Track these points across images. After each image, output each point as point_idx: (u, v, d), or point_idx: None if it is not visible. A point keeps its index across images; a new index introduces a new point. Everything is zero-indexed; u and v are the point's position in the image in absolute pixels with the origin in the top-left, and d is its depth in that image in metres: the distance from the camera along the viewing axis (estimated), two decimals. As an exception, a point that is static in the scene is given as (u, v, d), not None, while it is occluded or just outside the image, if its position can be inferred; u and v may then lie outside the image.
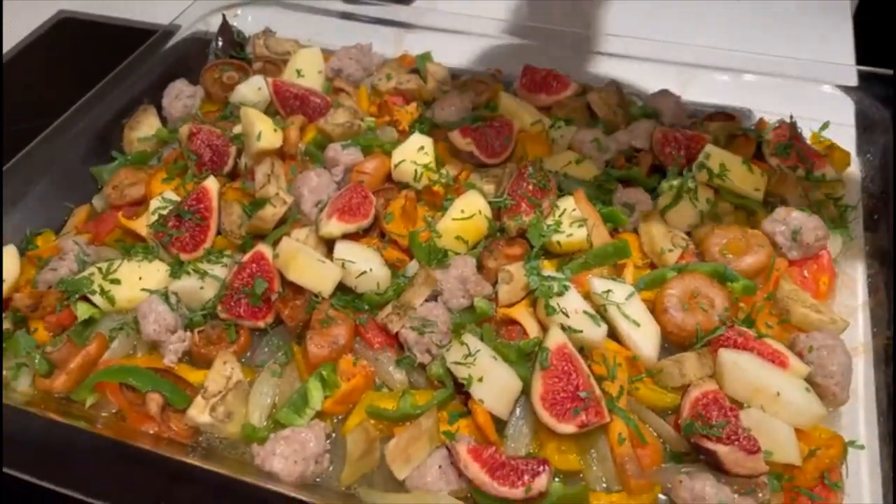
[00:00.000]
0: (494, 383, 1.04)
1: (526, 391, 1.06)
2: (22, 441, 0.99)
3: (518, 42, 1.65)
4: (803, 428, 1.01)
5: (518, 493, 0.95)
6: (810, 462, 0.98)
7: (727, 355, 1.06)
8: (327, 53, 1.66)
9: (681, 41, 1.58)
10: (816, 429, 1.02)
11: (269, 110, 1.53)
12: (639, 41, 1.58)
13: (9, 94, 1.80)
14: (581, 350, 1.09)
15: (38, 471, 0.93)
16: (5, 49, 1.92)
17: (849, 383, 1.06)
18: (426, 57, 1.65)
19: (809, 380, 1.05)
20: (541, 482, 0.95)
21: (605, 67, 1.56)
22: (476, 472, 0.96)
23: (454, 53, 1.70)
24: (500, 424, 1.05)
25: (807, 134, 1.43)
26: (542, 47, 1.62)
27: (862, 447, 1.01)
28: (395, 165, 1.36)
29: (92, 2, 2.04)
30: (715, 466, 0.97)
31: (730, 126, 1.42)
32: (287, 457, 0.99)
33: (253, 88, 1.55)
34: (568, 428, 1.00)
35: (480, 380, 1.04)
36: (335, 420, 1.09)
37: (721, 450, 0.96)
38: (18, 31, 1.97)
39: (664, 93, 1.52)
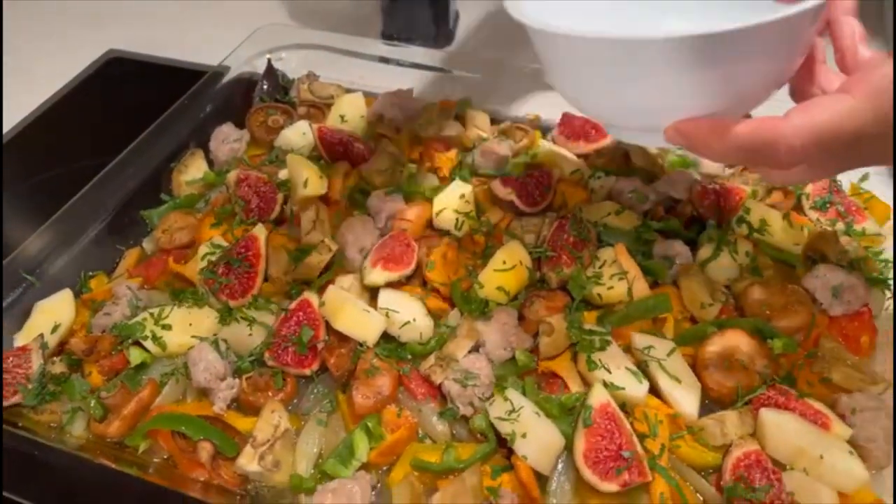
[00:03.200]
0: (538, 439, 1.06)
1: (568, 447, 1.07)
2: (78, 486, 1.03)
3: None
4: (846, 492, 1.01)
5: (562, 552, 0.96)
6: (854, 528, 0.99)
7: (769, 416, 1.07)
8: (369, 97, 1.70)
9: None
10: (859, 493, 1.02)
11: (313, 154, 1.57)
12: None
13: (60, 133, 1.87)
14: (623, 406, 1.10)
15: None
16: (57, 87, 1.98)
17: (892, 447, 1.06)
18: (466, 103, 1.68)
19: (852, 442, 1.06)
20: (584, 542, 0.96)
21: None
22: (520, 530, 0.98)
23: (492, 98, 1.73)
24: (542, 480, 1.07)
25: (846, 186, 1.44)
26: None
27: (906, 513, 1.01)
28: (437, 213, 1.39)
29: (141, 42, 2.11)
30: (758, 530, 0.98)
31: (769, 178, 1.43)
32: (335, 509, 1.01)
33: (298, 133, 1.59)
34: (610, 487, 1.02)
35: (524, 436, 1.06)
36: (380, 471, 1.11)
37: (765, 514, 0.97)
38: (68, 70, 2.03)
39: (702, 141, 1.54)
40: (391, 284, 1.29)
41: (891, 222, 1.39)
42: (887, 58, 0.85)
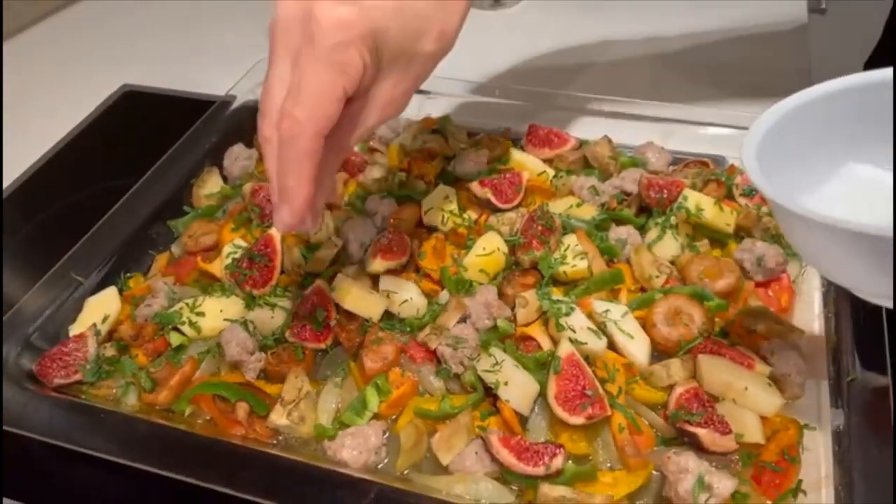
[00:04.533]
0: (517, 386, 1.29)
1: (542, 392, 1.30)
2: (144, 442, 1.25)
3: (523, 104, 1.93)
4: (766, 415, 1.25)
5: (540, 470, 1.19)
6: (773, 442, 1.22)
7: (704, 360, 1.31)
8: (360, 118, 1.94)
9: (663, 100, 1.86)
10: (777, 416, 1.26)
11: (315, 168, 1.80)
12: (627, 101, 1.86)
13: (83, 160, 2.08)
14: (586, 359, 1.34)
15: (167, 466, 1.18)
16: (77, 121, 2.20)
17: (804, 380, 1.31)
18: (446, 119, 1.93)
19: (771, 377, 1.30)
20: (558, 462, 1.19)
21: (599, 124, 1.83)
22: (506, 455, 1.20)
23: (469, 115, 1.98)
24: (522, 420, 1.30)
25: (770, 177, 1.70)
26: (544, 109, 1.90)
27: (814, 429, 1.25)
28: (425, 212, 1.63)
29: (153, 76, 2.34)
30: (696, 446, 1.21)
31: (704, 172, 1.69)
32: (354, 448, 1.23)
33: (301, 150, 1.83)
34: (578, 420, 1.25)
35: (506, 383, 1.29)
36: (388, 421, 1.33)
37: (700, 432, 1.20)
38: (86, 104, 2.26)
39: (649, 144, 1.80)
40: (389, 272, 1.52)
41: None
42: None
